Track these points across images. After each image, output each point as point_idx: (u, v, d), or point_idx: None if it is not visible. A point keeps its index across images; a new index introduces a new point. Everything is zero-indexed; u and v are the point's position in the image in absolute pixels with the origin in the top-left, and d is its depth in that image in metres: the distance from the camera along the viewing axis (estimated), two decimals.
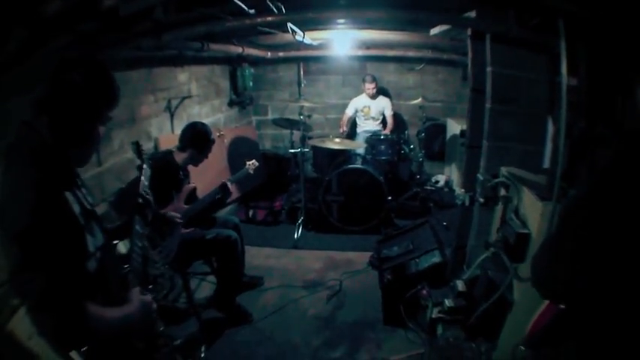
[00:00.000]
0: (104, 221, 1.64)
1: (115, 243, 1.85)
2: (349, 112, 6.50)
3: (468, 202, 3.10)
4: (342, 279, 4.18)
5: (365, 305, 3.75)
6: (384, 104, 6.42)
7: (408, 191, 5.95)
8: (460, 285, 2.93)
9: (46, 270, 1.24)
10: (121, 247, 2.02)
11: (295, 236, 5.01)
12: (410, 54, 6.39)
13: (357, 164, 5.22)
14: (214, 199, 3.52)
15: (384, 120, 6.49)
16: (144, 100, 4.08)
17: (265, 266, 4.46)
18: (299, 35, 3.59)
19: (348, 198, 5.17)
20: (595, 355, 1.23)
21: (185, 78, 4.97)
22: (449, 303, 2.90)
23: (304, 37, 3.84)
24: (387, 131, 6.23)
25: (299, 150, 5.20)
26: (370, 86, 6.25)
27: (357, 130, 6.58)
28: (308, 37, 4.05)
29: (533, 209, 2.36)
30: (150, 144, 4.16)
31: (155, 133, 4.28)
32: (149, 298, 1.67)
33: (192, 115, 5.06)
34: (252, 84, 6.67)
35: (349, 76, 7.17)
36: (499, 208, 2.75)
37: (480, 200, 2.89)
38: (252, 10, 2.57)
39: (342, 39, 5.45)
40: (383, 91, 6.69)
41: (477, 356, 2.65)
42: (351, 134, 6.69)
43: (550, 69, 2.76)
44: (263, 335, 3.40)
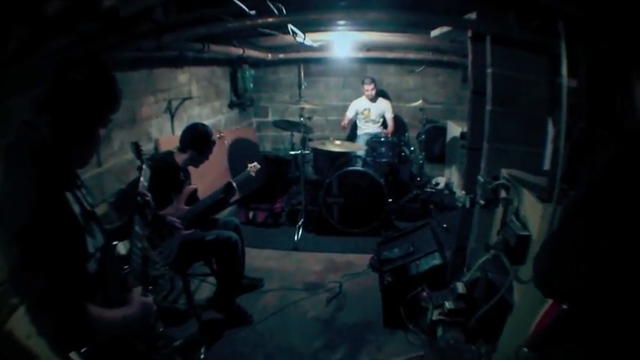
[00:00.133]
0: (104, 222, 1.64)
1: (115, 244, 1.85)
2: (349, 115, 6.50)
3: (468, 205, 3.09)
4: (342, 281, 4.17)
5: (365, 307, 3.74)
6: (384, 107, 6.42)
7: (408, 193, 5.95)
8: (460, 287, 2.93)
9: (46, 270, 1.23)
10: (121, 247, 2.02)
11: (295, 238, 5.00)
12: (410, 56, 6.40)
13: (358, 166, 5.21)
14: (216, 199, 3.52)
15: (384, 122, 6.49)
16: (144, 101, 4.08)
17: (265, 268, 4.45)
18: (300, 37, 3.60)
19: (348, 200, 5.16)
20: (599, 355, 1.23)
21: (185, 79, 4.97)
22: (449, 305, 2.90)
23: (305, 39, 3.84)
24: (388, 133, 6.23)
25: (299, 152, 5.20)
26: (369, 87, 6.25)
27: (358, 133, 6.58)
28: (308, 38, 4.06)
29: (533, 211, 2.36)
30: (150, 145, 4.16)
31: (155, 134, 4.28)
32: (150, 299, 1.67)
33: (193, 117, 5.06)
34: (252, 85, 6.67)
35: (350, 78, 7.18)
36: (499, 210, 2.75)
37: (481, 202, 2.89)
38: (253, 12, 2.58)
39: (342, 41, 5.47)
40: (383, 94, 6.70)
41: (476, 358, 2.65)
42: (352, 136, 6.69)
43: (550, 70, 2.76)
44: (263, 337, 3.39)
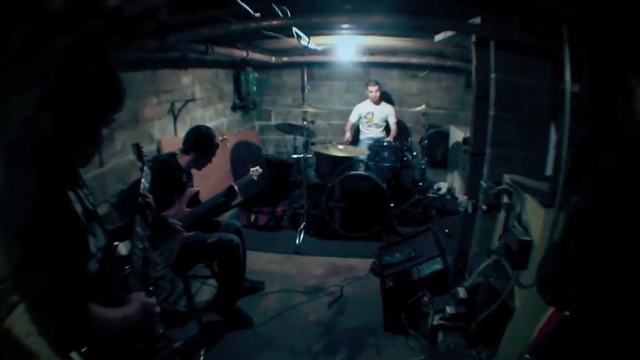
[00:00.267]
0: (105, 222, 1.64)
1: (116, 244, 1.84)
2: (353, 119, 6.51)
3: (470, 210, 3.09)
4: (343, 285, 4.16)
5: (366, 311, 3.73)
6: (387, 111, 6.43)
7: (410, 198, 5.94)
8: (461, 292, 2.93)
9: (48, 269, 1.22)
10: (122, 248, 2.01)
11: (297, 242, 5.00)
12: (413, 61, 6.43)
13: (360, 171, 5.21)
14: (218, 202, 3.52)
15: (387, 127, 6.50)
16: (147, 102, 4.08)
17: (266, 271, 4.44)
18: (304, 40, 3.60)
19: (350, 204, 5.16)
20: None
21: (189, 81, 4.97)
22: (450, 310, 2.89)
23: (309, 42, 3.84)
24: (391, 138, 6.23)
25: (302, 156, 5.19)
26: (373, 89, 6.26)
27: (360, 137, 6.59)
28: (313, 42, 4.06)
29: (535, 216, 2.35)
30: (152, 146, 4.16)
31: (158, 135, 4.28)
32: (153, 300, 1.66)
33: (196, 119, 5.07)
34: (255, 88, 6.67)
35: (353, 82, 7.19)
36: (501, 215, 2.75)
37: (483, 207, 2.88)
38: (258, 14, 2.58)
39: (346, 44, 5.48)
40: (386, 98, 6.71)
41: None
42: (354, 141, 6.68)
43: (553, 76, 2.76)
44: (263, 340, 3.38)
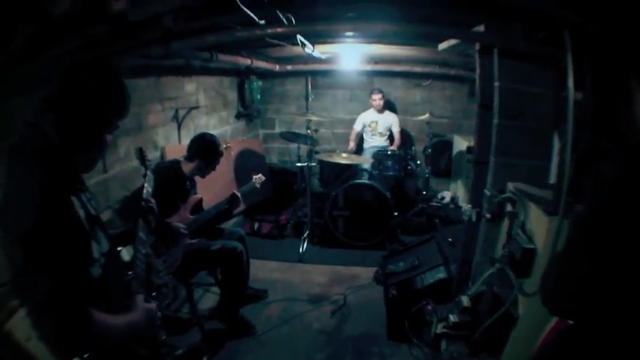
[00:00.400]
0: (108, 228, 1.64)
1: (119, 249, 1.85)
2: (357, 128, 6.52)
3: (474, 218, 3.09)
4: (346, 293, 4.15)
5: (369, 320, 3.72)
6: (391, 120, 6.44)
7: (413, 207, 5.92)
8: (465, 300, 2.92)
9: (50, 274, 1.22)
10: (125, 253, 2.01)
11: (300, 250, 4.99)
12: (417, 69, 6.43)
13: (364, 179, 5.20)
14: (221, 210, 3.52)
15: (391, 136, 6.50)
16: (151, 109, 4.08)
17: (270, 279, 4.44)
18: (308, 48, 3.60)
19: (354, 213, 5.16)
20: None
21: (193, 88, 4.99)
22: (453, 318, 2.88)
23: (314, 50, 3.85)
24: (394, 147, 6.23)
25: (306, 164, 5.19)
26: (376, 97, 6.27)
27: (364, 146, 6.58)
28: (317, 50, 4.07)
29: (539, 224, 2.34)
30: (156, 153, 4.17)
31: (162, 142, 4.29)
32: (154, 305, 1.66)
33: (200, 126, 5.08)
34: (259, 97, 6.70)
35: (357, 91, 7.19)
36: (505, 223, 2.74)
37: (487, 216, 2.88)
38: (263, 21, 2.58)
39: (350, 53, 5.49)
40: (390, 107, 6.71)
41: None
42: (358, 150, 6.69)
43: (556, 83, 2.76)
44: (266, 348, 3.37)
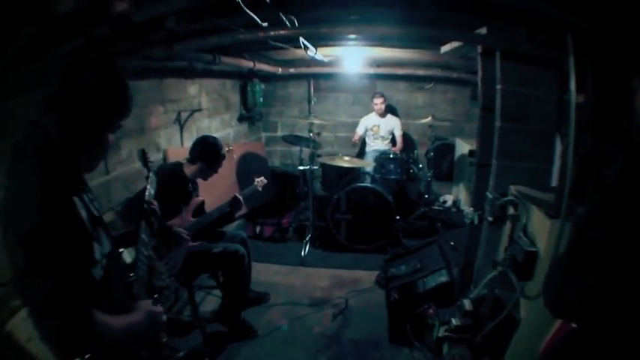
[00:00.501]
0: (110, 229, 1.64)
1: (121, 251, 1.85)
2: (360, 131, 6.51)
3: (476, 221, 3.08)
4: (348, 297, 4.14)
5: (371, 324, 3.71)
6: (393, 124, 6.43)
7: (416, 211, 5.93)
8: (467, 304, 2.90)
9: (52, 274, 1.22)
10: (126, 255, 2.01)
11: (302, 254, 4.99)
12: (419, 72, 6.43)
13: (366, 183, 5.21)
14: (223, 212, 3.52)
15: (393, 139, 6.50)
16: (153, 111, 4.09)
17: (271, 283, 4.44)
18: (311, 50, 3.60)
19: (356, 216, 5.15)
20: None
21: (195, 91, 4.99)
22: (455, 322, 2.87)
23: (316, 53, 3.85)
24: (397, 150, 6.22)
25: (308, 167, 5.20)
26: (378, 102, 6.25)
27: (367, 149, 6.58)
28: (319, 53, 4.07)
29: (541, 227, 2.34)
30: (158, 155, 4.17)
31: (164, 144, 4.29)
32: (159, 308, 1.65)
33: (202, 129, 5.08)
34: (262, 100, 6.70)
35: (359, 95, 7.20)
36: (507, 226, 2.74)
37: (489, 219, 2.87)
38: (265, 23, 2.58)
39: (352, 56, 5.50)
40: (392, 111, 6.71)
41: None
42: (360, 153, 6.70)
43: (558, 86, 2.76)
44: (267, 351, 3.36)
